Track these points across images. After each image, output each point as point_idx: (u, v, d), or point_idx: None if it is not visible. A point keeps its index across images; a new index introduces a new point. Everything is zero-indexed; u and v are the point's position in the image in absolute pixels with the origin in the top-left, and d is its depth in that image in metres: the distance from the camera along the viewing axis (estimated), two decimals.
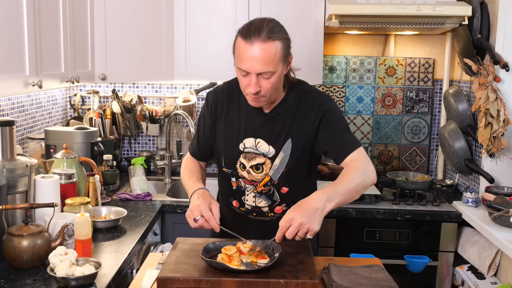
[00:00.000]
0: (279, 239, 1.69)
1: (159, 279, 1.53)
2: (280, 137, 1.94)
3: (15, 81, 1.99)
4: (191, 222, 1.84)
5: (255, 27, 1.76)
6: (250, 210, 2.02)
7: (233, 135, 1.98)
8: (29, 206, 1.96)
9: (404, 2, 2.82)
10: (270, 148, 1.94)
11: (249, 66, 1.76)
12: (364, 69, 3.49)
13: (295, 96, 1.96)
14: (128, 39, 3.04)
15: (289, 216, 1.66)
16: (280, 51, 1.78)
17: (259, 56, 1.74)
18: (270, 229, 1.80)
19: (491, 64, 2.66)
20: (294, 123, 1.94)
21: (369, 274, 1.77)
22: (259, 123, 1.95)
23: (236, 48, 1.81)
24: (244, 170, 1.97)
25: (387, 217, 2.80)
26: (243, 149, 1.96)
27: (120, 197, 2.85)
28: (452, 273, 2.84)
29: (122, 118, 3.39)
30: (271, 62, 1.76)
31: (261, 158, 1.95)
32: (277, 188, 1.98)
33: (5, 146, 1.99)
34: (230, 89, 2.02)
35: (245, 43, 1.76)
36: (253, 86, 1.78)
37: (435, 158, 3.54)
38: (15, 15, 1.99)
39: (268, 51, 1.75)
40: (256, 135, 1.95)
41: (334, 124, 1.94)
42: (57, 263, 1.73)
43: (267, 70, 1.76)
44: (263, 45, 1.74)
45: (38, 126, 3.02)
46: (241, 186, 2.00)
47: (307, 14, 3.05)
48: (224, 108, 2.00)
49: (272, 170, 1.95)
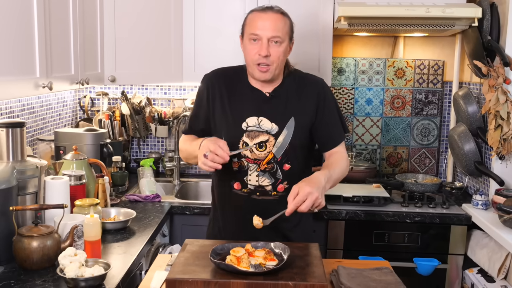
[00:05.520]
0: (289, 212, 1.76)
1: (168, 281, 1.53)
2: (283, 115, 2.04)
3: (25, 83, 2.00)
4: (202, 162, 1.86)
5: (268, 6, 2.02)
6: (253, 190, 2.07)
7: (235, 115, 2.06)
8: (39, 207, 1.98)
9: (413, 4, 2.81)
10: (273, 125, 2.03)
11: (262, 30, 1.95)
12: (373, 71, 3.48)
13: (293, 79, 2.10)
14: (137, 41, 3.05)
15: (307, 190, 1.74)
16: (289, 27, 2.01)
17: (272, 22, 1.95)
18: (273, 211, 1.85)
19: (501, 66, 2.64)
20: (296, 103, 2.06)
21: (378, 276, 1.76)
22: (261, 102, 2.06)
23: (248, 20, 2.01)
24: (247, 149, 2.04)
25: (396, 219, 2.79)
26: (246, 127, 2.04)
27: (129, 198, 2.85)
28: (462, 276, 2.82)
29: (131, 119, 3.41)
30: (281, 30, 1.96)
31: (264, 135, 2.03)
32: (280, 165, 2.05)
33: (15, 148, 2.00)
34: (227, 73, 2.14)
35: (259, 13, 1.98)
36: (264, 49, 1.94)
37: (444, 161, 3.52)
38: (26, 18, 2.01)
39: (280, 20, 1.97)
40: (258, 114, 2.04)
41: (329, 112, 2.08)
42: (67, 264, 1.73)
43: (277, 34, 1.95)
44: (276, 15, 1.98)
45: (48, 128, 3.04)
46: (243, 166, 2.06)
47: (316, 16, 3.05)
48: (223, 90, 2.09)
49: (275, 147, 2.03)
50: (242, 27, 2.05)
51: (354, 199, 2.90)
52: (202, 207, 2.80)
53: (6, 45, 1.87)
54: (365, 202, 2.88)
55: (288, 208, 1.77)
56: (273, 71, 1.99)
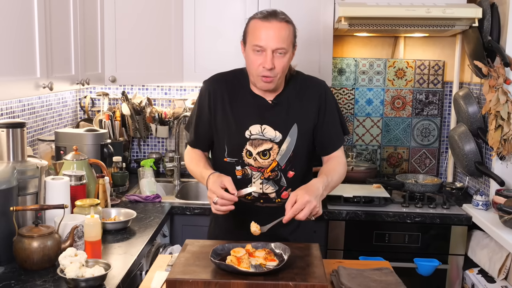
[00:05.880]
0: (287, 220, 1.76)
1: (168, 281, 1.53)
2: (286, 122, 2.01)
3: (26, 83, 2.00)
4: (215, 209, 1.86)
5: (270, 11, 1.93)
6: (257, 197, 2.05)
7: (237, 124, 2.02)
8: (39, 208, 1.98)
9: (413, 4, 2.81)
10: (277, 133, 2.01)
11: (266, 42, 1.87)
12: (374, 71, 3.48)
13: (295, 84, 2.06)
14: (138, 41, 3.05)
15: (305, 199, 1.74)
16: (292, 34, 1.94)
17: (276, 32, 1.88)
18: (277, 217, 1.85)
19: (501, 66, 2.64)
20: (298, 108, 2.03)
21: (379, 277, 1.76)
22: (264, 110, 2.02)
23: (251, 28, 1.93)
24: (250, 157, 2.02)
25: (396, 219, 2.79)
26: (250, 136, 2.01)
27: (129, 198, 2.86)
28: (462, 277, 2.82)
29: (132, 120, 3.41)
30: (286, 40, 1.90)
31: (268, 143, 2.01)
32: (284, 173, 2.03)
33: (16, 148, 2.00)
34: (228, 79, 2.08)
35: (263, 22, 1.90)
36: (269, 62, 1.88)
37: (444, 161, 3.52)
38: (26, 18, 2.01)
39: (284, 29, 1.90)
40: (262, 122, 2.01)
41: (330, 116, 2.07)
42: (67, 264, 1.73)
43: (282, 46, 1.88)
44: (280, 24, 1.89)
45: (48, 128, 3.04)
46: (247, 174, 2.03)
47: (316, 16, 3.05)
48: (225, 96, 2.04)
49: (279, 155, 2.01)
50: (244, 33, 1.98)
51: (354, 200, 2.90)
52: (203, 208, 2.80)
53: (7, 46, 1.87)
54: (366, 202, 2.88)
55: (286, 215, 1.76)
56: (276, 81, 1.96)
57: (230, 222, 2.12)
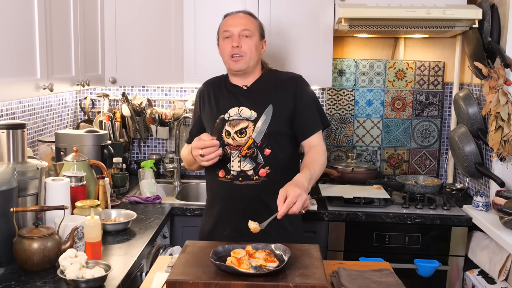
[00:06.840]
0: (281, 215, 1.81)
1: (169, 282, 1.53)
2: (262, 103, 2.19)
3: (26, 84, 2.00)
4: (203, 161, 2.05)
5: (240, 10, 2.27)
6: (235, 176, 2.19)
7: (218, 110, 2.23)
8: (40, 209, 1.98)
9: (414, 5, 2.81)
10: (252, 112, 2.19)
11: (232, 26, 2.17)
12: (374, 73, 3.48)
13: (271, 75, 2.29)
14: (138, 42, 3.05)
15: (297, 192, 1.80)
16: (257, 26, 2.23)
17: (240, 19, 2.20)
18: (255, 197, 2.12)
19: (501, 67, 2.64)
20: (273, 93, 2.21)
21: (379, 278, 1.76)
22: (241, 95, 2.23)
23: (221, 24, 2.25)
24: (229, 137, 2.19)
25: (396, 221, 2.79)
26: (228, 117, 2.20)
27: (129, 200, 2.86)
28: (463, 278, 2.82)
29: (132, 121, 3.41)
30: (250, 25, 2.19)
31: (244, 122, 2.18)
32: (260, 150, 2.17)
33: (16, 149, 2.00)
34: (215, 80, 2.35)
35: (230, 15, 2.24)
36: (236, 40, 2.15)
37: (445, 162, 3.52)
38: (27, 19, 2.01)
39: (248, 18, 2.22)
40: (239, 104, 2.21)
41: (306, 103, 2.21)
42: (67, 265, 1.73)
43: (247, 27, 2.17)
44: (244, 15, 2.23)
45: (48, 129, 3.04)
46: (226, 154, 2.19)
47: (316, 17, 3.05)
48: (211, 94, 2.29)
49: (254, 132, 2.16)
50: (217, 34, 2.27)
51: (354, 201, 2.90)
52: (203, 209, 2.78)
53: (7, 47, 1.87)
54: (366, 203, 2.88)
55: (280, 211, 1.79)
56: (247, 62, 2.17)
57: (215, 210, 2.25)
